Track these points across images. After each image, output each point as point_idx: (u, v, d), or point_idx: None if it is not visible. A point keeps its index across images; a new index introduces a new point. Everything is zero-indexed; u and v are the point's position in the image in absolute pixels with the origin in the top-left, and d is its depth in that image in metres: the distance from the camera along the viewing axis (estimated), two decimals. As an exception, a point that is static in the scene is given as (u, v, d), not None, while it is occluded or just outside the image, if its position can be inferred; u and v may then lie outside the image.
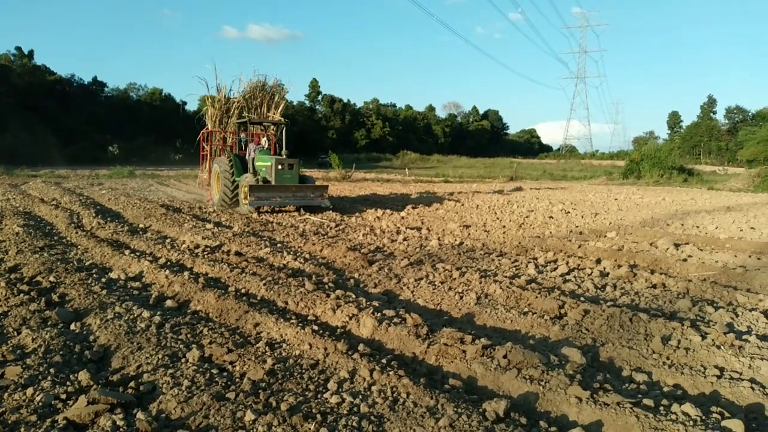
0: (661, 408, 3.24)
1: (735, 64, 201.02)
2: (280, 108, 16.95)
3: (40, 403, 3.19)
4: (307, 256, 7.86)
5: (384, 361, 3.91)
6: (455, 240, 9.40)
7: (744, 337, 4.43)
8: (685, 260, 7.79)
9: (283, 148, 14.63)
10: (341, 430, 2.98)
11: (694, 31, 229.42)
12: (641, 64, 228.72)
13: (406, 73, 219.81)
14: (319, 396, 3.40)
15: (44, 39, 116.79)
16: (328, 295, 5.47)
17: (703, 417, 3.11)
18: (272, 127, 15.90)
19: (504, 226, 11.35)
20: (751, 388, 3.54)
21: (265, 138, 15.39)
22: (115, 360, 3.96)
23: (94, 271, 6.61)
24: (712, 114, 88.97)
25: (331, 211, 13.64)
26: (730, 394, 3.53)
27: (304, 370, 3.79)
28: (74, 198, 15.34)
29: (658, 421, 3.03)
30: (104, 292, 5.62)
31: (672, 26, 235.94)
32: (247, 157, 14.70)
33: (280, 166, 13.37)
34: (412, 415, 3.13)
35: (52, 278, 6.18)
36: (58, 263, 6.85)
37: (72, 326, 4.66)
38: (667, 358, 4.09)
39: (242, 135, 15.45)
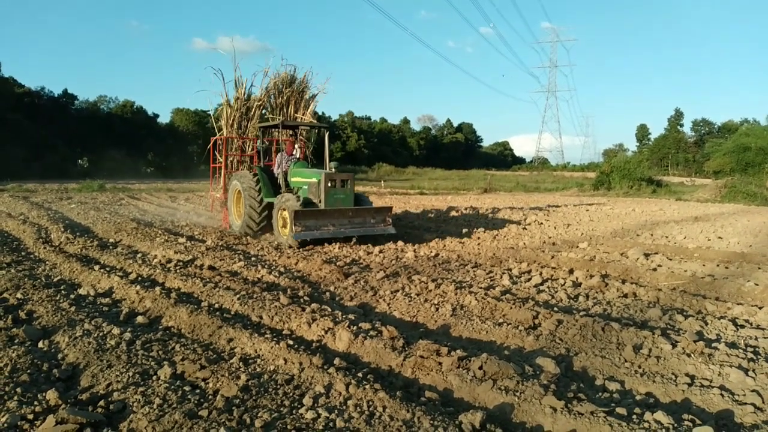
0: (634, 416, 3.29)
1: (701, 78, 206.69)
2: (311, 108, 13.97)
3: (6, 425, 3.09)
4: (282, 269, 7.80)
5: (360, 374, 3.89)
6: (431, 251, 9.43)
7: (713, 345, 4.52)
8: (655, 270, 7.93)
9: (327, 160, 11.64)
10: (317, 446, 2.95)
11: (661, 45, 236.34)
12: (610, 78, 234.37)
13: (381, 86, 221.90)
14: (294, 412, 3.36)
15: (12, 51, 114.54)
16: (304, 309, 5.43)
17: (675, 424, 3.16)
18: (303, 132, 12.95)
19: (479, 237, 11.42)
20: (721, 395, 3.61)
21: (297, 146, 12.09)
22: (85, 378, 3.86)
23: (62, 288, 6.46)
24: (679, 126, 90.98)
25: None
26: (700, 402, 3.59)
27: (279, 386, 3.74)
28: (42, 212, 15.00)
29: (631, 429, 3.07)
30: (73, 308, 5.50)
31: (639, 41, 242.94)
32: (276, 170, 11.51)
33: (330, 183, 10.14)
34: (388, 428, 3.12)
35: (19, 295, 6.03)
36: (26, 279, 6.68)
37: (40, 344, 4.54)
38: (639, 367, 4.15)
39: (264, 142, 12.55)
